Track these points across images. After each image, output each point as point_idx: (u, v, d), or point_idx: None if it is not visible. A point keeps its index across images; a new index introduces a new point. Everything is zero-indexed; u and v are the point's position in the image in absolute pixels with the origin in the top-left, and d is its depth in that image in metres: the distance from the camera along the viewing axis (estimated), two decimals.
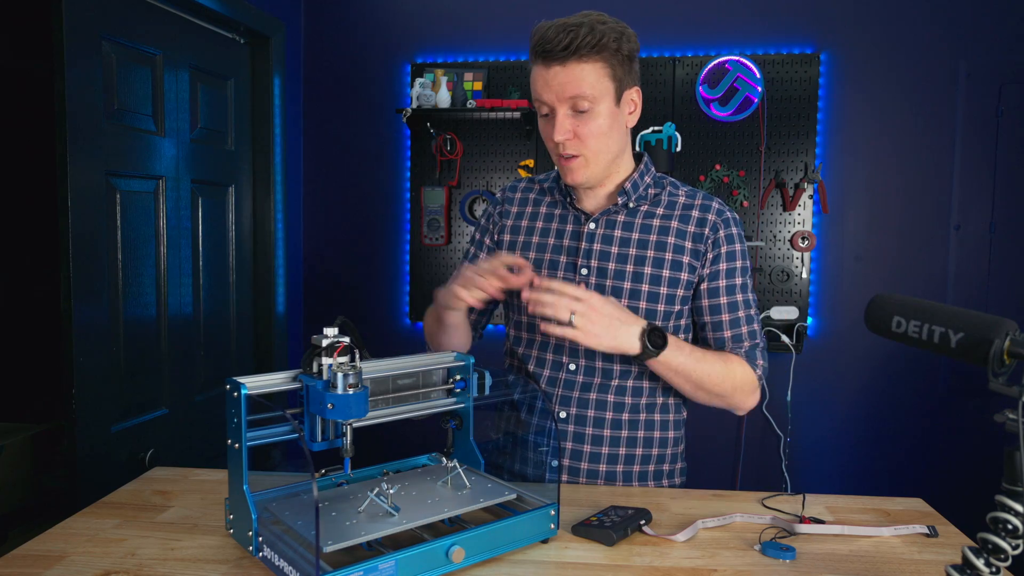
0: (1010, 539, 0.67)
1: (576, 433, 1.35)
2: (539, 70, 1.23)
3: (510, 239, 1.43)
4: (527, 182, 1.48)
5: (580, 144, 1.25)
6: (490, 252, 1.47)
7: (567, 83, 1.21)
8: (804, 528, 1.10)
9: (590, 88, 1.21)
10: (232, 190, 2.69)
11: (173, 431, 2.33)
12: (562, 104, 1.23)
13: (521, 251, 1.41)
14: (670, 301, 1.32)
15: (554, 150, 1.28)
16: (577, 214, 1.37)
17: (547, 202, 1.42)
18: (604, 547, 1.05)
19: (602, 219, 1.35)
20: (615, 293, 1.32)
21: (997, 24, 2.76)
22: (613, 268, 1.32)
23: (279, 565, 0.90)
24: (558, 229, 1.38)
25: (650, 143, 2.80)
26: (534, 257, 1.39)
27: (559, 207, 1.40)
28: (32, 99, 2.76)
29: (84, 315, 1.92)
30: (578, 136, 1.24)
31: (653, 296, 1.31)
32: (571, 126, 1.24)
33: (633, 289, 1.31)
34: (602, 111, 1.24)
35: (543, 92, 1.23)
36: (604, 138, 1.26)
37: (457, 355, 1.19)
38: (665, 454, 1.39)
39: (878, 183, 2.87)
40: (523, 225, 1.43)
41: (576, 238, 1.36)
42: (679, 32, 2.93)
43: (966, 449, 2.83)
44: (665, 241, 1.32)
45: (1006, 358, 0.65)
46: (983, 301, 2.81)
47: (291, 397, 1.02)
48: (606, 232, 1.34)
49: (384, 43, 3.10)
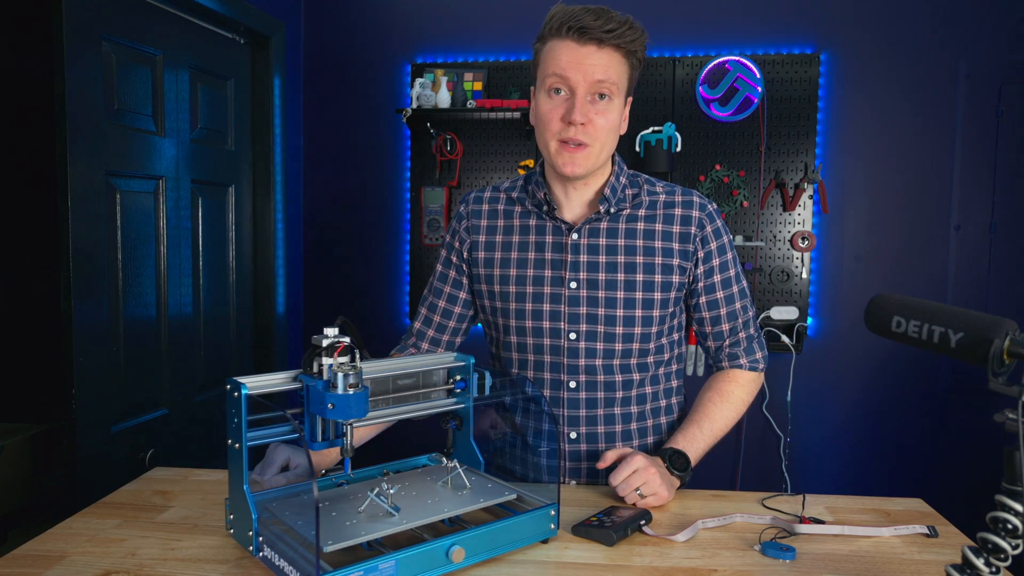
0: (1010, 539, 0.67)
1: (589, 452, 1.34)
2: (568, 46, 1.18)
3: (485, 256, 1.36)
4: (491, 191, 1.40)
5: (593, 131, 1.21)
6: (459, 272, 1.41)
7: (599, 66, 1.17)
8: (804, 528, 1.10)
9: (617, 76, 1.19)
10: (232, 190, 2.69)
11: (173, 431, 2.33)
12: (586, 85, 1.18)
13: (500, 268, 1.34)
14: (664, 305, 1.31)
15: (557, 133, 1.21)
16: (557, 224, 1.31)
17: (518, 212, 1.35)
18: (604, 547, 1.05)
19: (585, 228, 1.30)
20: (609, 304, 1.28)
21: (997, 24, 2.76)
22: (604, 279, 1.28)
23: (279, 565, 0.90)
24: (538, 242, 1.32)
25: (650, 143, 2.80)
26: (516, 274, 1.32)
27: (534, 217, 1.33)
28: (32, 99, 2.76)
29: (84, 315, 1.92)
30: (592, 123, 1.20)
31: (648, 303, 1.29)
32: (590, 111, 1.20)
33: (628, 298, 1.29)
34: (616, 105, 1.22)
35: (569, 68, 1.17)
36: (613, 133, 1.24)
37: (457, 355, 1.19)
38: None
39: (878, 183, 2.87)
40: (498, 240, 1.35)
41: (560, 250, 1.30)
42: (679, 32, 2.93)
43: (966, 449, 2.83)
44: (653, 246, 1.29)
45: (1006, 358, 0.65)
46: (983, 301, 2.81)
47: (291, 397, 1.02)
48: (591, 242, 1.29)
49: (384, 43, 3.10)
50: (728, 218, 2.89)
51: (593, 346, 1.29)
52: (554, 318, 1.30)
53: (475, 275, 1.39)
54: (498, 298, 1.35)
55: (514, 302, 1.33)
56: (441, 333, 1.44)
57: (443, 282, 1.43)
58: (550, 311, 1.30)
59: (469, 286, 1.42)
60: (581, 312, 1.29)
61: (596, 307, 1.29)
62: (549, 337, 1.31)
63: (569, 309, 1.29)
